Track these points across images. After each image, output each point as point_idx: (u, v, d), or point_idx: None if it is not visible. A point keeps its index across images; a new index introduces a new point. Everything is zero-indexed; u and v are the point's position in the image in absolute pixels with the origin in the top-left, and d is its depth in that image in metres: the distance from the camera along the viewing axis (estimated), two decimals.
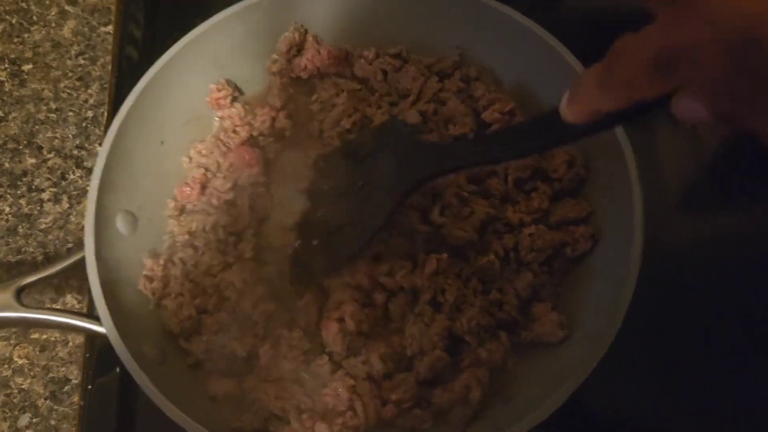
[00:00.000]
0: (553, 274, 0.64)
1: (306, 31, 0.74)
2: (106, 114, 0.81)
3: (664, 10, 0.37)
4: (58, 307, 0.70)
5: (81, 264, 0.59)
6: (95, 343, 0.69)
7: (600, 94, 0.40)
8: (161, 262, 0.65)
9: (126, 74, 0.82)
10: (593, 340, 0.55)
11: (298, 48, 0.73)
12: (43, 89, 0.83)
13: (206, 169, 0.70)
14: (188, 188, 0.69)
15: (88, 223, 0.60)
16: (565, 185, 0.66)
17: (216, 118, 0.73)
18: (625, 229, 0.59)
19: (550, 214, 0.66)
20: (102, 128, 0.80)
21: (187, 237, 0.66)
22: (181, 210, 0.69)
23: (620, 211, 0.60)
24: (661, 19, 0.37)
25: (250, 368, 0.61)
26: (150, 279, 0.63)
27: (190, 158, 0.71)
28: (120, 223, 0.64)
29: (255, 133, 0.71)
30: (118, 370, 0.67)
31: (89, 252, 0.58)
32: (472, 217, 0.65)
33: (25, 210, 0.76)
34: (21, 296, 0.59)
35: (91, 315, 0.58)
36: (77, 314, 0.60)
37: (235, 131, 0.71)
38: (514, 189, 0.67)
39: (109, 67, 0.84)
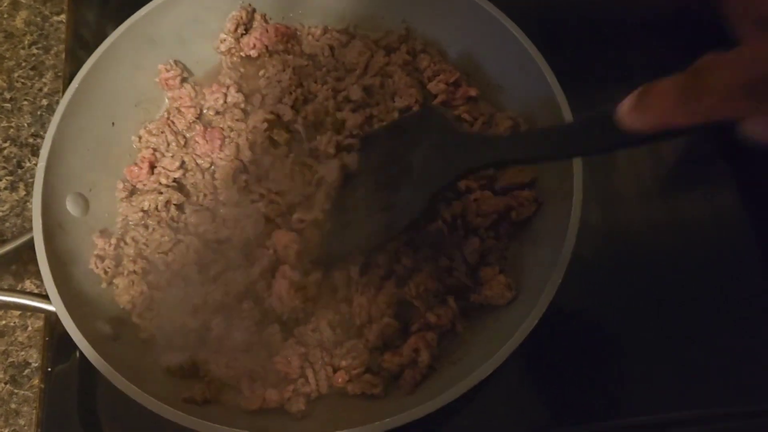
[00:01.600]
0: (500, 239, 0.65)
1: (254, 10, 0.74)
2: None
3: (755, 36, 0.37)
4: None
5: (34, 247, 0.59)
6: (54, 326, 0.69)
7: (677, 108, 0.39)
8: (113, 241, 0.65)
9: (80, 62, 0.81)
10: (533, 302, 0.56)
11: (245, 27, 0.74)
12: None
13: (155, 149, 0.70)
14: (137, 168, 0.69)
15: (35, 203, 0.60)
16: None
17: (166, 99, 0.74)
18: (567, 192, 0.60)
19: (495, 180, 0.67)
20: None
21: (140, 215, 0.67)
22: (131, 191, 0.69)
23: (563, 175, 0.61)
24: (753, 44, 0.37)
25: (202, 341, 0.62)
26: (101, 258, 0.64)
27: (140, 138, 0.71)
28: (70, 205, 0.64)
29: (208, 112, 0.72)
30: (77, 353, 0.68)
31: (37, 231, 0.59)
32: None
33: None
34: None
35: (46, 296, 0.58)
36: (28, 294, 0.60)
37: (180, 111, 0.71)
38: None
39: (63, 56, 0.84)
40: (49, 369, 0.68)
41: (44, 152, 0.62)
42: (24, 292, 0.61)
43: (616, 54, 0.83)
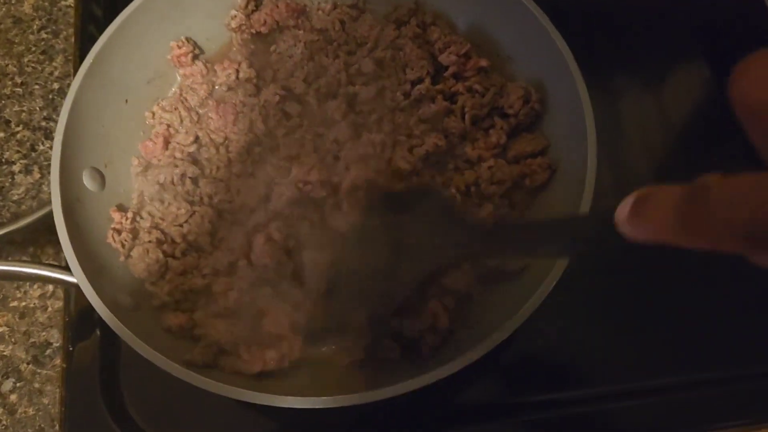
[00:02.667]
0: (514, 207, 0.66)
1: None
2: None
3: None
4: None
5: (52, 228, 0.59)
6: (74, 306, 0.70)
7: (674, 227, 0.34)
8: (129, 215, 0.66)
9: (89, 45, 0.82)
10: (549, 267, 0.56)
11: (256, 3, 0.74)
12: (7, 65, 0.84)
13: (169, 125, 0.71)
14: (151, 143, 0.70)
15: (54, 175, 0.60)
16: (521, 120, 0.68)
17: (178, 75, 0.74)
18: (580, 159, 0.60)
19: (507, 149, 0.67)
20: None
21: (156, 189, 0.67)
22: (146, 167, 0.70)
23: (575, 141, 0.61)
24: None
25: (204, 302, 0.63)
26: (118, 231, 0.64)
27: (153, 114, 0.72)
28: (87, 180, 0.65)
29: (221, 88, 0.73)
30: (98, 330, 0.69)
31: (56, 203, 0.59)
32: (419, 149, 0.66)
33: None
34: None
35: (66, 267, 0.58)
36: (49, 265, 0.61)
37: (192, 88, 0.72)
38: (472, 127, 0.68)
39: (72, 40, 0.85)
40: (71, 348, 0.68)
41: (60, 126, 0.63)
42: (44, 264, 0.61)
43: (627, 29, 0.84)
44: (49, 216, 0.60)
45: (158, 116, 0.71)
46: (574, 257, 0.57)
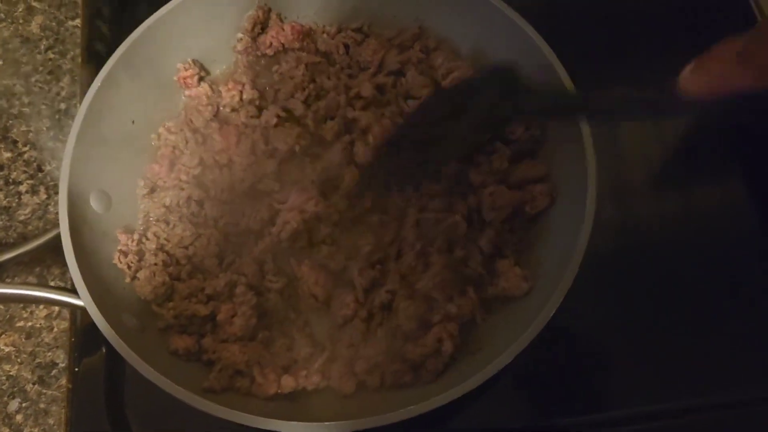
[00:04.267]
0: (515, 232, 0.67)
1: (269, 9, 0.75)
2: (78, 105, 0.81)
3: None
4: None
5: (58, 250, 0.60)
6: (80, 327, 0.70)
7: (735, 70, 0.38)
8: (135, 237, 0.66)
9: (96, 66, 0.83)
10: (552, 290, 0.57)
11: (262, 26, 0.75)
12: (14, 84, 0.84)
13: (174, 147, 0.72)
14: (157, 165, 0.70)
15: (62, 198, 0.61)
16: (523, 147, 0.69)
17: (183, 97, 0.75)
18: (580, 186, 0.61)
19: (509, 175, 0.68)
20: None
21: (162, 211, 0.68)
22: (152, 188, 0.70)
23: (575, 168, 0.62)
24: None
25: (210, 328, 0.64)
26: (124, 253, 0.65)
27: (159, 136, 0.72)
28: (94, 202, 0.65)
29: (225, 109, 0.73)
30: (103, 350, 0.69)
31: (63, 226, 0.60)
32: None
33: (3, 203, 0.77)
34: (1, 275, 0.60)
35: (73, 289, 0.59)
36: (56, 288, 0.61)
37: (198, 110, 0.73)
38: (475, 151, 0.69)
39: (79, 60, 0.86)
40: (76, 369, 0.69)
41: (69, 149, 0.63)
42: (51, 287, 0.62)
43: (628, 53, 0.84)
44: (57, 238, 0.61)
45: (164, 138, 0.72)
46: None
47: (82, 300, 0.57)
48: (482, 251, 0.65)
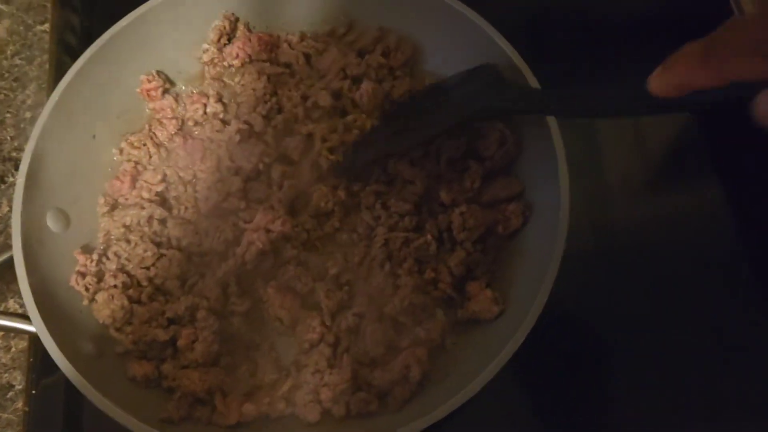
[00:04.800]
0: (487, 252, 0.65)
1: (237, 19, 0.73)
2: None
3: None
4: None
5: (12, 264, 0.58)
6: (39, 347, 0.67)
7: (699, 68, 0.41)
8: (94, 257, 0.64)
9: (63, 73, 0.81)
10: (523, 314, 0.55)
11: (228, 36, 0.73)
12: None
13: (137, 162, 0.69)
14: (118, 182, 0.68)
15: (15, 222, 0.59)
16: (497, 164, 0.67)
17: (147, 110, 0.73)
18: (554, 204, 0.60)
19: (481, 193, 0.66)
20: None
21: (122, 230, 0.66)
22: (113, 205, 0.68)
23: (549, 186, 0.61)
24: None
25: (171, 353, 0.62)
26: (82, 275, 0.63)
27: (121, 150, 0.70)
28: (51, 221, 0.63)
29: (189, 123, 0.71)
30: (63, 374, 0.66)
31: (17, 250, 0.58)
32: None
33: None
34: None
35: (24, 315, 0.57)
36: (10, 314, 0.59)
37: (161, 123, 0.70)
38: (447, 168, 0.67)
39: (47, 67, 0.82)
40: (33, 391, 0.66)
41: (23, 168, 0.61)
42: (5, 313, 0.60)
43: (599, 65, 0.82)
44: (11, 260, 0.59)
45: (126, 153, 0.70)
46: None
47: (35, 327, 0.55)
48: (452, 273, 0.63)
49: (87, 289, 0.63)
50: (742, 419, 0.67)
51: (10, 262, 0.62)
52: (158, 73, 0.72)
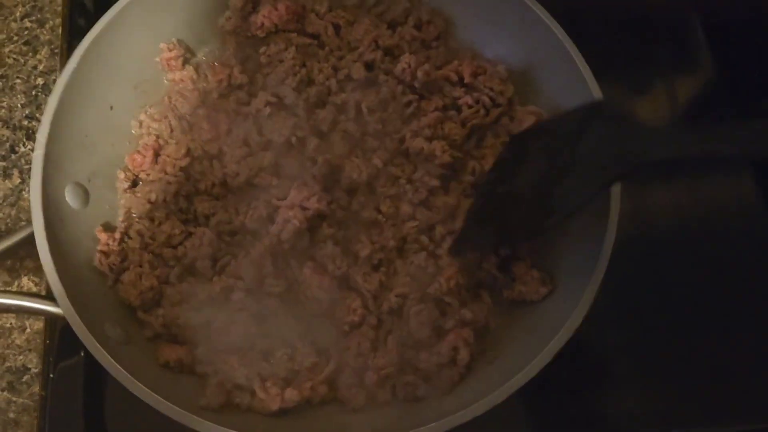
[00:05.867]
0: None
1: None
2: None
3: None
4: (12, 289, 0.65)
5: (33, 242, 0.55)
6: (55, 327, 0.65)
7: None
8: (117, 236, 0.61)
9: (78, 38, 0.76)
10: (575, 296, 0.54)
11: (253, 4, 0.69)
12: None
13: (158, 136, 0.66)
14: (140, 156, 0.64)
15: (34, 197, 0.56)
16: None
17: (166, 81, 0.69)
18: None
19: None
20: None
21: (147, 207, 0.63)
22: (134, 181, 0.65)
23: None
24: None
25: (204, 337, 0.59)
26: (106, 254, 0.60)
27: (141, 123, 0.67)
28: (70, 197, 0.60)
29: (212, 95, 0.68)
30: (82, 354, 0.63)
31: (38, 227, 0.54)
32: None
33: None
34: None
35: (48, 296, 0.54)
36: (32, 295, 0.56)
37: (182, 94, 0.67)
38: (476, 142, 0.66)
39: (60, 31, 0.78)
40: (51, 375, 0.63)
41: (41, 139, 0.58)
42: (24, 293, 0.56)
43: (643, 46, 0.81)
44: (30, 236, 0.55)
45: (146, 125, 0.66)
46: None
47: (62, 309, 0.52)
48: (497, 253, 0.61)
49: (111, 269, 0.59)
50: None
51: (26, 239, 0.59)
52: (179, 41, 0.68)
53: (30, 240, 0.56)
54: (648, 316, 0.68)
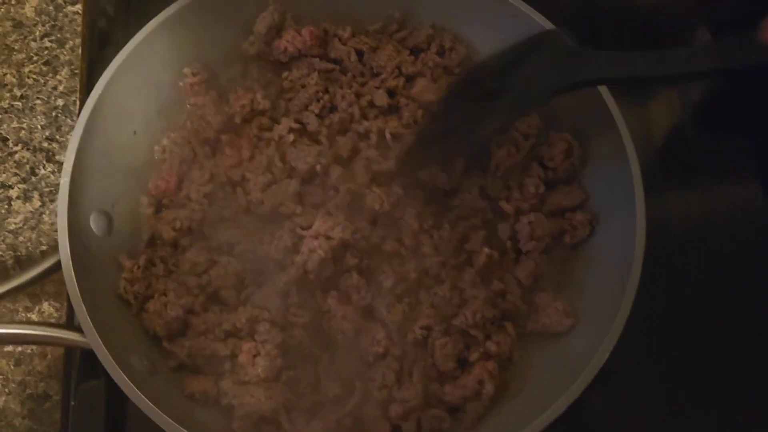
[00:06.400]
0: (553, 263, 0.63)
1: (285, 11, 0.70)
2: (78, 102, 0.75)
3: None
4: (34, 317, 0.65)
5: (55, 268, 0.55)
6: (76, 354, 0.64)
7: None
8: (141, 263, 0.61)
9: (97, 59, 0.77)
10: (601, 329, 0.54)
11: (277, 29, 0.69)
12: (5, 74, 0.76)
13: (181, 161, 0.66)
14: (163, 181, 0.65)
15: (61, 226, 0.56)
16: (559, 175, 0.65)
17: (188, 105, 0.69)
18: (623, 212, 0.59)
19: (544, 202, 0.65)
20: (75, 118, 0.73)
21: (172, 234, 0.63)
22: (157, 207, 0.65)
23: (617, 194, 0.60)
24: None
25: (229, 368, 0.59)
26: (130, 282, 0.60)
27: (164, 148, 0.67)
28: (94, 224, 0.60)
29: (235, 120, 0.68)
30: (103, 380, 0.62)
31: (65, 258, 0.55)
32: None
33: None
34: None
35: (72, 325, 0.54)
36: (57, 326, 0.56)
37: (206, 120, 0.67)
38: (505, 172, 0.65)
39: (79, 51, 0.78)
40: (72, 402, 0.62)
41: (67, 167, 0.58)
42: (48, 324, 0.56)
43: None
44: (56, 264, 0.56)
45: (169, 150, 0.66)
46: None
47: (89, 340, 0.52)
48: (521, 284, 0.61)
49: (136, 298, 0.59)
50: None
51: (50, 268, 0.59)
52: (202, 66, 0.68)
53: (53, 267, 0.56)
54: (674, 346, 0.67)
